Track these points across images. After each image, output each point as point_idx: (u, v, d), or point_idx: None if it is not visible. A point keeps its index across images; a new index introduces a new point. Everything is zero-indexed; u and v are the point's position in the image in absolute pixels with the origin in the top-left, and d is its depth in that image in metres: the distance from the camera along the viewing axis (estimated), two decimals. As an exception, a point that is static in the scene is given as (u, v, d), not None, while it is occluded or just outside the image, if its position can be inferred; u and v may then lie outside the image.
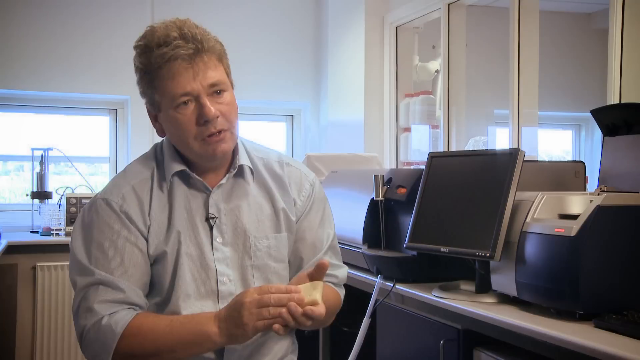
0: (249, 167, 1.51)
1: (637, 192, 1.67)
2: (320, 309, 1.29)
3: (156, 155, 1.50)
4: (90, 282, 1.37)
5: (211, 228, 1.45)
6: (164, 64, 1.36)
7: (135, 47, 1.42)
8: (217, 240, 1.45)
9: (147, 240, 1.42)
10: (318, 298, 1.30)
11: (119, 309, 1.35)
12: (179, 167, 1.45)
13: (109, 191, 1.45)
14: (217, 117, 1.39)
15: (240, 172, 1.50)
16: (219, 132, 1.40)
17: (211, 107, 1.37)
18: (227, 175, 1.48)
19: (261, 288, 1.28)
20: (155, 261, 1.43)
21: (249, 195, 1.49)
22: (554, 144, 5.69)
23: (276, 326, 1.25)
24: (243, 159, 1.50)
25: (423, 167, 2.05)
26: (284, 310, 1.25)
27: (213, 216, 1.45)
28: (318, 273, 1.33)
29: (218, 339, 1.31)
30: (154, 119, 1.47)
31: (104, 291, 1.36)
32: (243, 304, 1.27)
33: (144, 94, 1.44)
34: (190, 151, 1.43)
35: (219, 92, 1.40)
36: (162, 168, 1.47)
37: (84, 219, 1.44)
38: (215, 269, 1.44)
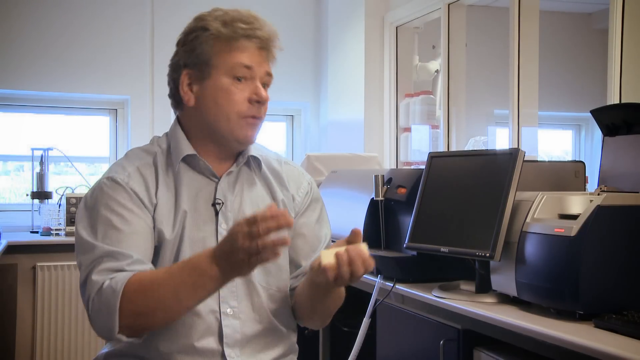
0: (257, 160, 1.53)
1: (637, 192, 1.67)
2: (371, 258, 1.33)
3: (158, 145, 1.51)
4: (95, 256, 1.34)
5: (217, 214, 1.46)
6: (241, 38, 1.42)
7: (214, 17, 1.44)
8: (222, 226, 1.46)
9: (153, 218, 1.42)
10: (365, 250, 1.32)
11: (119, 274, 1.32)
12: (189, 150, 1.46)
13: (114, 171, 1.44)
14: (266, 102, 1.46)
15: (248, 163, 1.53)
16: (259, 117, 1.46)
17: (265, 92, 1.45)
18: (236, 163, 1.50)
19: (248, 220, 1.18)
20: (159, 242, 1.42)
21: (252, 186, 1.52)
22: (554, 144, 5.69)
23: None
24: (253, 151, 1.53)
25: (423, 167, 2.05)
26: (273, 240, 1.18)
27: (220, 202, 1.47)
28: (355, 238, 1.35)
29: (220, 277, 1.26)
30: (188, 86, 1.46)
31: (108, 261, 1.33)
32: (236, 241, 1.19)
33: (196, 55, 1.44)
34: (222, 126, 1.43)
35: (265, 85, 1.47)
36: (166, 153, 1.48)
37: (87, 202, 1.43)
38: None
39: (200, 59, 1.43)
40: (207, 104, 1.45)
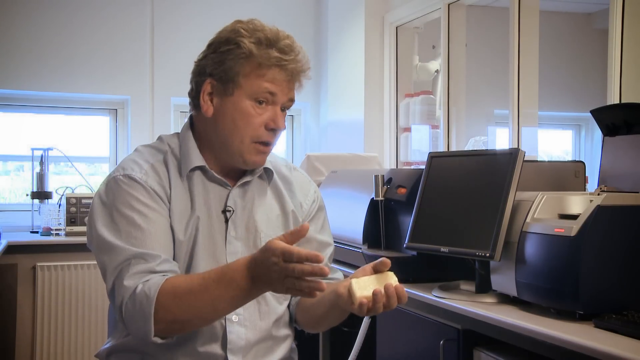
0: (270, 171, 1.54)
1: (637, 192, 1.67)
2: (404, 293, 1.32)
3: (168, 144, 1.51)
4: (122, 259, 1.33)
5: (226, 221, 1.47)
6: (274, 67, 1.41)
7: (251, 33, 1.42)
8: (231, 233, 1.47)
9: (169, 212, 1.42)
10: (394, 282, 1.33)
11: (151, 277, 1.32)
12: (198, 162, 1.46)
13: (129, 167, 1.44)
14: (282, 130, 1.46)
15: (261, 175, 1.54)
16: (271, 144, 1.46)
17: (282, 120, 1.45)
18: (250, 174, 1.51)
19: (284, 253, 1.18)
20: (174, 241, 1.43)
21: (263, 196, 1.53)
22: (554, 144, 5.69)
23: (316, 293, 1.20)
24: (267, 163, 1.53)
25: (423, 167, 2.05)
26: (310, 283, 1.18)
27: (230, 209, 1.47)
28: (382, 267, 1.35)
29: (257, 292, 1.27)
30: (209, 96, 1.45)
31: (137, 264, 1.33)
32: (270, 268, 1.20)
33: (223, 70, 1.42)
34: (234, 146, 1.44)
35: (284, 110, 1.47)
36: (175, 156, 1.48)
37: (103, 199, 1.41)
38: (226, 262, 1.44)
39: (227, 74, 1.42)
40: (224, 121, 1.44)
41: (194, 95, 1.48)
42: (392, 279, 1.33)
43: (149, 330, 1.28)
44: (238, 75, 1.41)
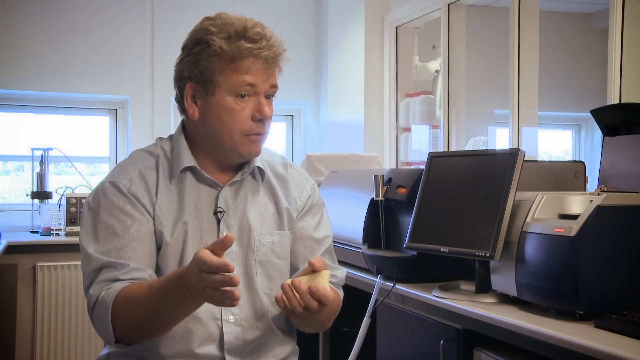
0: (261, 169, 1.54)
1: (637, 192, 1.67)
2: (329, 292, 1.31)
3: (162, 147, 1.52)
4: (93, 268, 1.38)
5: (218, 222, 1.47)
6: (247, 57, 1.40)
7: (220, 29, 1.41)
8: (224, 234, 1.46)
9: (153, 219, 1.43)
10: (325, 285, 1.32)
11: (113, 285, 1.35)
12: (189, 162, 1.47)
13: (117, 174, 1.46)
14: (270, 118, 1.45)
15: (252, 172, 1.53)
16: (263, 134, 1.46)
17: (268, 108, 1.44)
18: (240, 173, 1.51)
19: (199, 263, 1.17)
20: (160, 243, 1.44)
21: (255, 194, 1.53)
22: (554, 144, 5.69)
23: (234, 303, 1.18)
24: (258, 161, 1.53)
25: (423, 167, 2.05)
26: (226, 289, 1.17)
27: (222, 210, 1.47)
28: (313, 267, 1.36)
29: (194, 303, 1.28)
30: (192, 99, 1.45)
31: (105, 272, 1.37)
32: (194, 278, 1.19)
33: (199, 71, 1.42)
34: (225, 142, 1.44)
35: (269, 97, 1.47)
36: (168, 159, 1.49)
37: (89, 204, 1.45)
38: None
39: (204, 75, 1.42)
40: (210, 120, 1.45)
41: (179, 100, 1.49)
42: (323, 278, 1.34)
43: (110, 337, 1.33)
44: (214, 74, 1.42)
